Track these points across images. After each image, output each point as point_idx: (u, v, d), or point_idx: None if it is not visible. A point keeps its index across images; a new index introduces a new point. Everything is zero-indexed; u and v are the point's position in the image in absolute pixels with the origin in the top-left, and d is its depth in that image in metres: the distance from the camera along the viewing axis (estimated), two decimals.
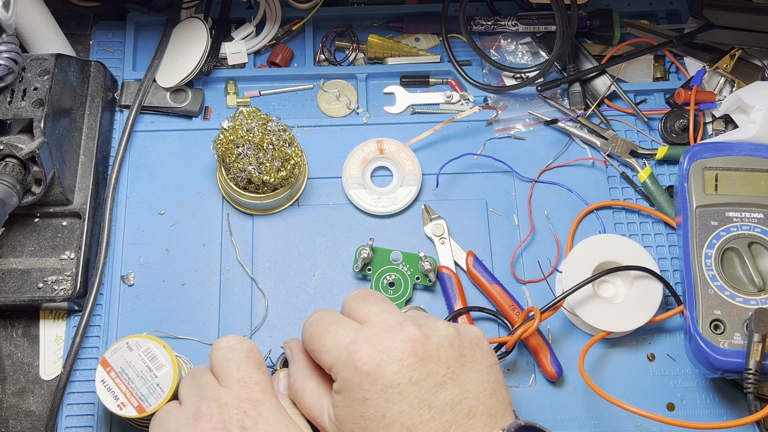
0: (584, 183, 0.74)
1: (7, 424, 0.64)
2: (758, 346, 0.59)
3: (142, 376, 0.57)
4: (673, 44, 0.78)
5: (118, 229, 0.70)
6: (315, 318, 0.54)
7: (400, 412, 0.47)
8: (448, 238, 0.70)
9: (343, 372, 0.49)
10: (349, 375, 0.48)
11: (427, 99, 0.78)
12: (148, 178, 0.73)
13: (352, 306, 0.54)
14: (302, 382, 0.54)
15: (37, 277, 0.66)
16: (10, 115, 0.63)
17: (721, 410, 0.66)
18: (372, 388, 0.47)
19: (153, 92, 0.75)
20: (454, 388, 0.48)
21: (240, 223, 0.71)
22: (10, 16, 0.63)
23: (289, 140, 0.67)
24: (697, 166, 0.68)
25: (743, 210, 0.66)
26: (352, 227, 0.71)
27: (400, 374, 0.47)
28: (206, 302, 0.68)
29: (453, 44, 0.80)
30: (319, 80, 0.78)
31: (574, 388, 0.66)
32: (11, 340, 0.67)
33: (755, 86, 0.73)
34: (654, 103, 0.78)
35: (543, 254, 0.71)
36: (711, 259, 0.64)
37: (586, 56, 0.79)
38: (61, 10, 0.79)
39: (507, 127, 0.76)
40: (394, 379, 0.47)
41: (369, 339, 0.49)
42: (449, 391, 0.48)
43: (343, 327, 0.52)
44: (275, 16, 0.79)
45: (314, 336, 0.53)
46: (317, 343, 0.52)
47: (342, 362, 0.49)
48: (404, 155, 0.73)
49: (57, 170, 0.65)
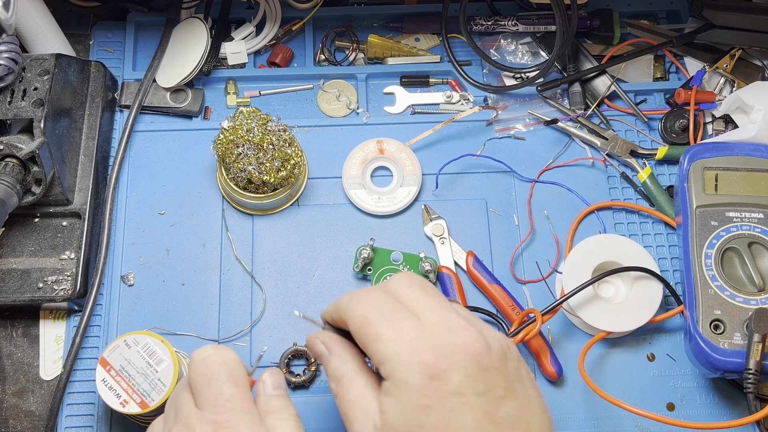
0: (584, 183, 0.74)
1: (7, 424, 0.64)
2: (758, 346, 0.59)
3: (143, 372, 0.58)
4: (673, 44, 0.78)
5: (118, 229, 0.70)
6: (371, 298, 0.47)
7: (463, 424, 0.43)
8: (448, 238, 0.70)
9: (403, 372, 0.44)
10: (409, 377, 0.43)
11: (427, 99, 0.78)
12: (148, 178, 0.73)
13: (405, 293, 0.48)
14: (351, 378, 0.47)
15: (37, 277, 0.66)
16: (10, 115, 0.63)
17: (721, 410, 0.66)
18: (436, 395, 0.43)
19: (153, 92, 0.75)
20: (514, 402, 0.45)
21: (240, 223, 0.71)
22: (10, 16, 0.63)
23: (289, 140, 0.67)
24: (697, 166, 0.68)
25: (743, 210, 0.66)
26: (352, 227, 0.71)
27: (465, 383, 0.43)
28: (206, 302, 0.68)
29: (453, 44, 0.80)
30: (319, 80, 0.78)
31: (574, 388, 0.66)
32: (11, 340, 0.67)
33: (755, 86, 0.73)
34: (654, 103, 0.78)
35: (543, 254, 0.71)
36: (711, 259, 0.64)
37: (586, 56, 0.79)
38: (61, 10, 0.79)
39: (507, 127, 0.76)
40: (460, 387, 0.43)
41: (434, 340, 0.44)
42: (509, 405, 0.45)
43: (406, 318, 0.46)
44: (275, 16, 0.79)
45: (371, 320, 0.46)
46: (374, 329, 0.45)
47: (402, 360, 0.44)
48: (404, 155, 0.73)
49: (57, 170, 0.65)
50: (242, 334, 0.67)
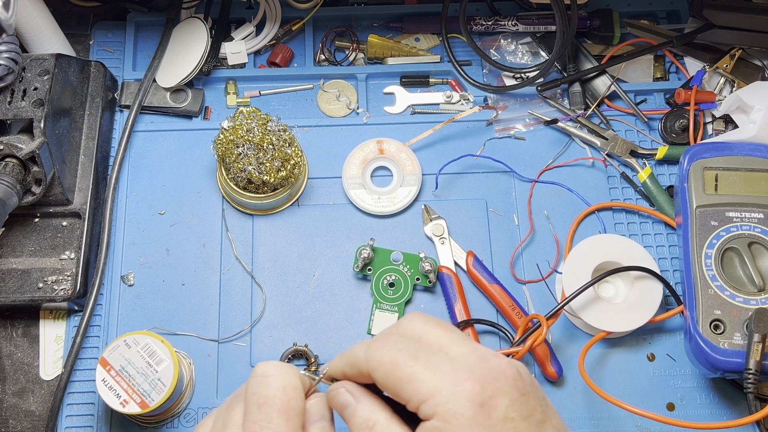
0: (584, 183, 0.74)
1: (7, 424, 0.64)
2: (758, 346, 0.59)
3: (143, 372, 0.58)
4: (673, 44, 0.78)
5: (118, 229, 0.70)
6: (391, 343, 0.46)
7: None
8: (448, 238, 0.70)
9: (450, 404, 0.43)
10: (458, 407, 0.43)
11: (427, 99, 0.78)
12: (148, 178, 0.73)
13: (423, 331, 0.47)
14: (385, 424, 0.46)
15: (37, 277, 0.66)
16: (10, 115, 0.63)
17: (721, 410, 0.66)
18: (487, 422, 0.43)
19: (153, 92, 0.75)
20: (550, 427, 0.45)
21: (240, 223, 0.71)
22: (10, 16, 0.63)
23: (289, 140, 0.67)
24: (697, 166, 0.68)
25: (743, 210, 0.66)
26: (352, 227, 0.71)
27: (512, 408, 0.43)
28: (206, 302, 0.68)
29: (453, 44, 0.80)
30: (319, 80, 0.78)
31: (574, 388, 0.66)
32: (11, 340, 0.67)
33: (755, 86, 0.73)
34: (654, 103, 0.78)
35: (543, 254, 0.71)
36: (711, 259, 0.64)
37: (586, 56, 0.79)
38: (61, 10, 0.79)
39: (507, 127, 0.76)
40: (508, 412, 0.43)
41: (472, 368, 0.44)
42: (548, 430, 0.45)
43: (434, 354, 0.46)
44: (275, 16, 0.79)
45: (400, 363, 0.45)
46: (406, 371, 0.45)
47: (447, 393, 0.43)
48: (404, 155, 0.73)
49: (57, 170, 0.65)
50: (242, 334, 0.67)
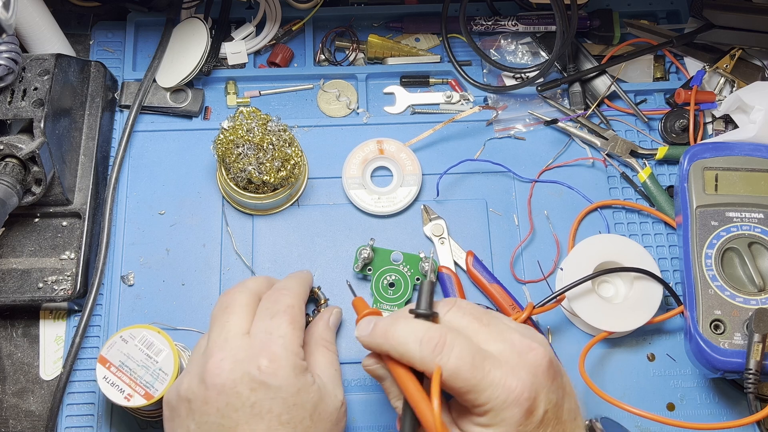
0: (584, 183, 0.74)
1: (7, 424, 0.64)
2: (758, 346, 0.59)
3: (143, 364, 0.58)
4: (673, 44, 0.78)
5: (118, 229, 0.70)
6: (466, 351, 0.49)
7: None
8: (447, 238, 0.70)
9: (504, 413, 0.48)
10: (511, 415, 0.48)
11: (427, 99, 0.78)
12: (148, 178, 0.73)
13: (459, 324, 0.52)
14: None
15: (37, 277, 0.66)
16: (10, 115, 0.63)
17: (721, 410, 0.66)
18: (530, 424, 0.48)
19: (153, 92, 0.75)
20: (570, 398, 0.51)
21: (240, 223, 0.71)
22: (10, 16, 0.63)
23: (289, 140, 0.67)
24: (697, 166, 0.68)
25: (743, 210, 0.66)
26: (352, 227, 0.71)
27: (546, 400, 0.49)
28: (206, 302, 0.68)
29: (453, 44, 0.80)
30: (319, 80, 0.78)
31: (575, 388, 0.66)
32: (11, 340, 0.67)
33: (755, 86, 0.73)
34: (654, 103, 0.78)
35: (543, 254, 0.71)
36: (711, 259, 0.64)
37: (586, 56, 0.79)
38: (61, 10, 0.79)
39: (507, 127, 0.76)
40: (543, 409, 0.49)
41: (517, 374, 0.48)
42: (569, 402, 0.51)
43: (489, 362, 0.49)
44: (275, 16, 0.79)
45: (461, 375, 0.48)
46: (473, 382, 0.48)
47: (500, 402, 0.48)
48: (404, 155, 0.73)
49: (57, 170, 0.65)
50: None
